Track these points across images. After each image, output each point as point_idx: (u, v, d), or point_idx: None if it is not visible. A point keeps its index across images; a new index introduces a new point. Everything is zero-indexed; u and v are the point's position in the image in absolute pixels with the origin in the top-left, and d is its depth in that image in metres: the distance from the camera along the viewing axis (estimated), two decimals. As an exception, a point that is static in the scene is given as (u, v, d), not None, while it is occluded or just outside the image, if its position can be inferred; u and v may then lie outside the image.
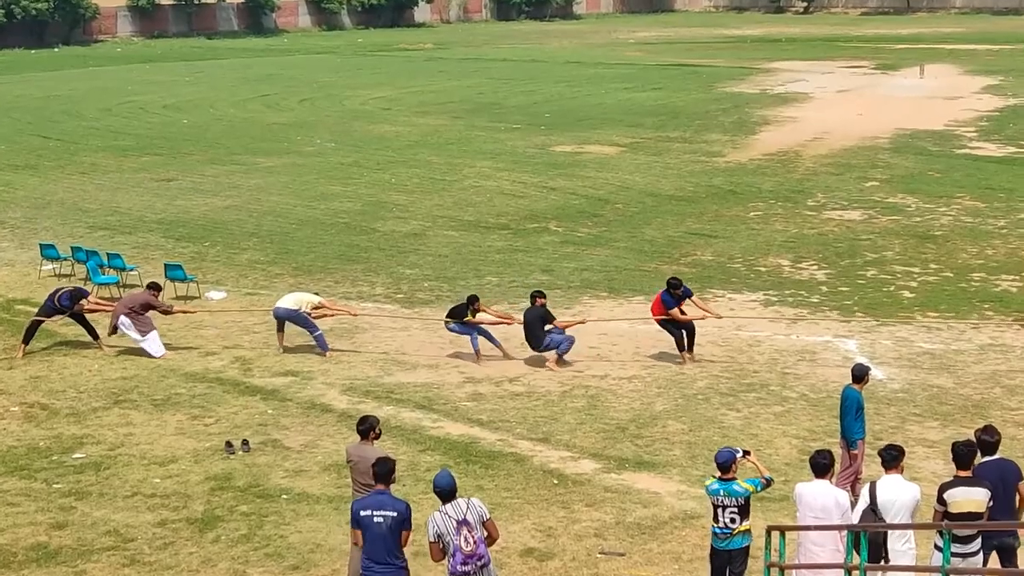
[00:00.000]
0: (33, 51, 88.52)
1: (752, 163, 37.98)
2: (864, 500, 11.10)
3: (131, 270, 24.40)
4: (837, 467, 12.71)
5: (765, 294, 23.12)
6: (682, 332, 19.27)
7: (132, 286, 23.37)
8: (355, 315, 21.23)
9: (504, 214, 30.95)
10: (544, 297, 19.75)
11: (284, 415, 17.12)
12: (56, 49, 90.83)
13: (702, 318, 19.67)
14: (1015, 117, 46.35)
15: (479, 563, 10.10)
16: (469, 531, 10.08)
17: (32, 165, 39.84)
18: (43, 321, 20.16)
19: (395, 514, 10.11)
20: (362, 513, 10.21)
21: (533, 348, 19.27)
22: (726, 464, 11.42)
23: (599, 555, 12.89)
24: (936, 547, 10.51)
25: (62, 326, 20.77)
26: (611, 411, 17.22)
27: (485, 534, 10.15)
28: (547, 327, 19.22)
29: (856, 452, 14.09)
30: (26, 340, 19.96)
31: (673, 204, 31.83)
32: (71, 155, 41.78)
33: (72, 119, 51.47)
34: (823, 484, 11.30)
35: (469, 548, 10.04)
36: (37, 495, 14.45)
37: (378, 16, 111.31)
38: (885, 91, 56.93)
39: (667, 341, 20.09)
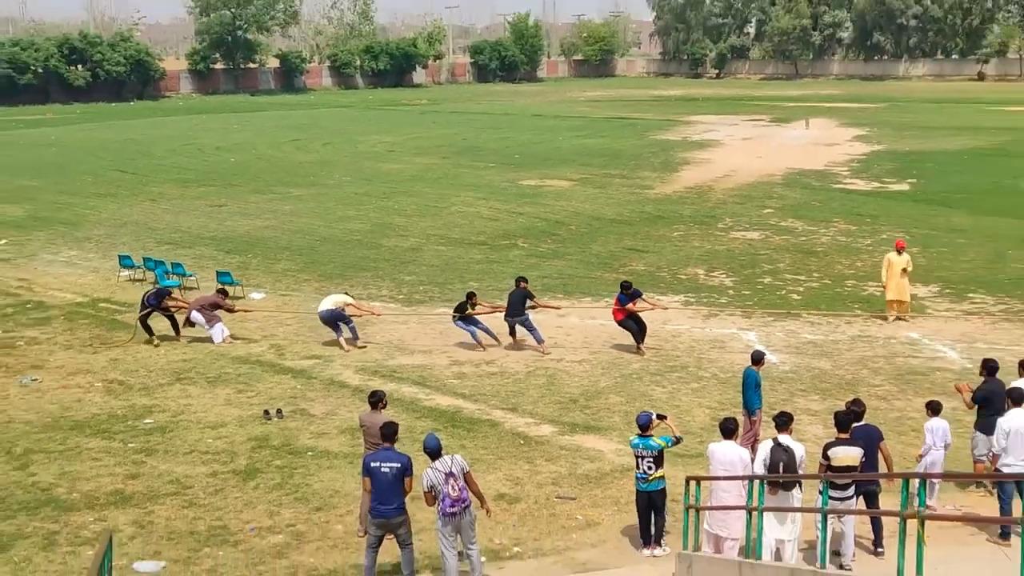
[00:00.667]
0: (113, 104, 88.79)
1: (675, 194, 38.09)
2: (764, 454, 11.17)
3: (190, 276, 24.39)
4: (740, 431, 12.81)
5: (685, 296, 23.21)
6: (636, 328, 19.35)
7: (191, 288, 23.37)
8: (379, 315, 21.24)
9: (483, 233, 30.96)
10: (526, 282, 19.88)
11: (310, 390, 17.16)
12: (131, 103, 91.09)
13: (652, 309, 19.73)
14: (878, 160, 46.63)
15: (463, 505, 10.34)
16: (455, 481, 10.26)
17: (112, 193, 39.73)
18: (147, 316, 19.94)
19: (399, 465, 10.34)
20: (372, 464, 10.39)
21: (510, 316, 19.23)
22: (645, 424, 11.66)
23: (556, 499, 13.02)
24: (820, 492, 10.60)
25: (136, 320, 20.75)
26: (565, 387, 17.30)
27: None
28: (528, 304, 19.33)
29: (755, 419, 14.20)
30: (148, 332, 19.91)
31: (614, 226, 31.89)
32: (143, 186, 41.70)
33: (144, 158, 51.35)
34: (730, 444, 11.41)
35: (456, 494, 10.26)
36: (115, 452, 14.52)
37: (385, 78, 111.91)
38: (779, 139, 57.17)
39: (609, 333, 20.16)
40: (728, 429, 11.50)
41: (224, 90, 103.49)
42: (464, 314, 19.40)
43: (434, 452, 10.37)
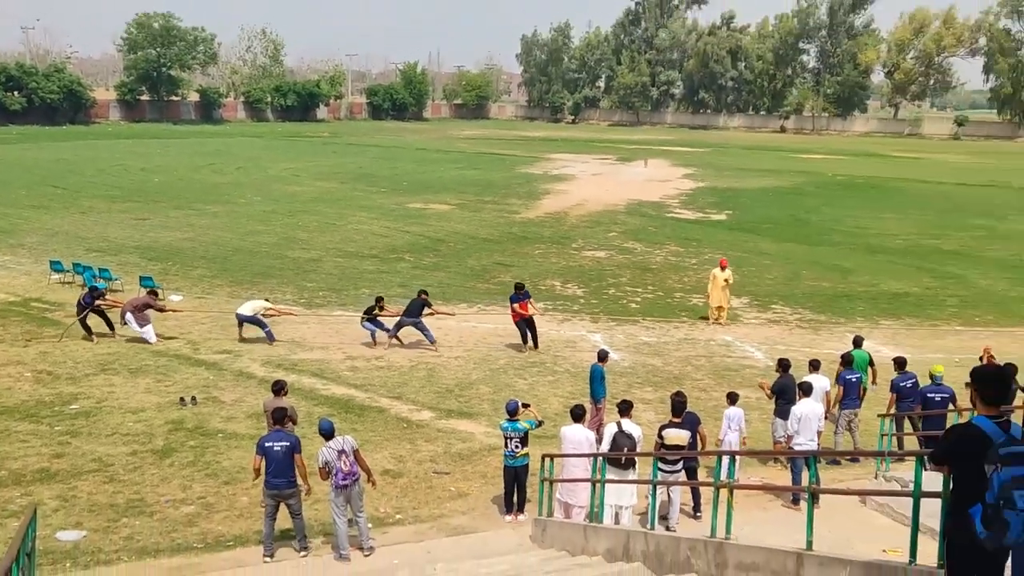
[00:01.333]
0: (47, 128, 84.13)
1: (537, 219, 38.40)
2: (610, 433, 11.34)
3: (115, 280, 23.37)
4: (588, 416, 12.98)
5: (544, 304, 23.37)
6: (527, 330, 19.40)
7: (116, 291, 22.36)
8: (296, 315, 20.73)
9: (375, 248, 30.57)
10: (426, 294, 19.85)
11: (221, 380, 16.59)
12: (64, 127, 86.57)
13: (535, 313, 19.71)
14: (702, 195, 47.85)
15: (353, 479, 10.25)
16: (346, 458, 10.16)
17: (45, 206, 37.76)
18: (84, 317, 18.94)
19: (288, 444, 10.33)
20: (265, 444, 10.37)
21: (406, 317, 19.07)
22: (512, 410, 11.74)
23: (433, 473, 12.92)
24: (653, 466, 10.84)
25: (66, 318, 19.73)
26: (443, 379, 17.21)
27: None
28: (426, 311, 19.23)
29: (600, 407, 14.41)
30: (87, 331, 18.96)
31: (486, 244, 31.96)
32: (74, 200, 39.74)
33: (75, 175, 49.00)
34: (578, 427, 11.55)
35: (347, 469, 10.17)
36: (42, 435, 13.73)
37: (292, 113, 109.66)
38: (622, 176, 58.09)
39: (480, 334, 20.20)
40: (577, 414, 11.66)
41: (149, 119, 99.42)
42: (371, 316, 19.20)
43: (328, 433, 10.24)
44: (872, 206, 44.13)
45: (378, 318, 19.33)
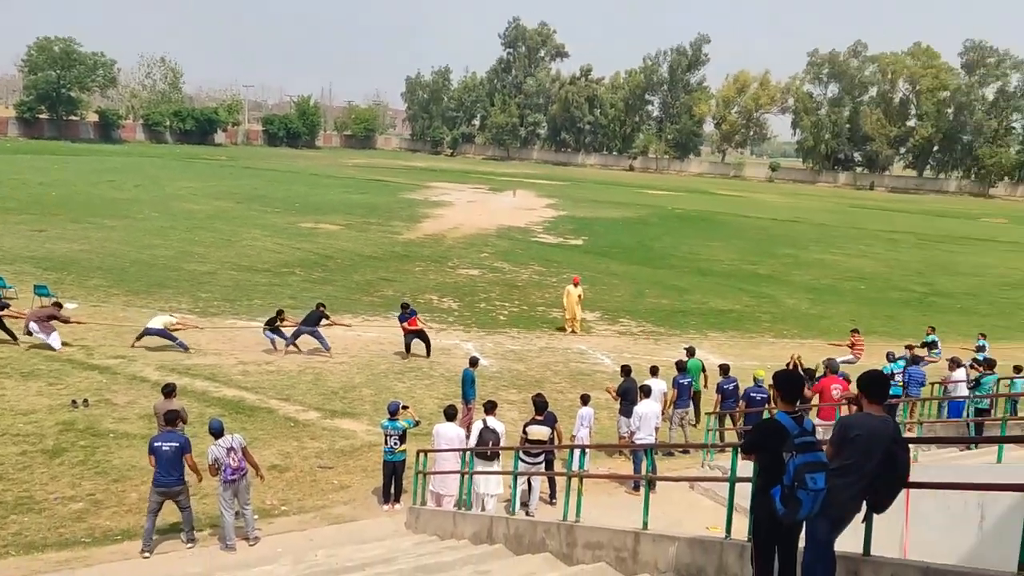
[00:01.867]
0: (-57, 140, 77.46)
1: (418, 239, 38.16)
2: (477, 429, 11.38)
3: (9, 288, 21.69)
4: (460, 415, 12.98)
5: (422, 316, 23.22)
6: (421, 341, 19.15)
7: (11, 299, 20.71)
8: (202, 328, 19.77)
9: (267, 262, 29.62)
10: (324, 307, 19.35)
11: (114, 384, 15.63)
12: (-38, 141, 79.89)
13: (423, 328, 19.48)
14: (562, 222, 48.61)
15: (241, 474, 9.91)
16: (234, 454, 9.82)
17: (-61, 216, 34.69)
18: None
19: (178, 444, 9.87)
20: (155, 444, 9.90)
21: (303, 326, 18.58)
22: (393, 410, 11.64)
23: (317, 468, 12.61)
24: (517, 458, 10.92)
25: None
26: (328, 382, 16.83)
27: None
28: (323, 322, 18.79)
29: (471, 407, 14.44)
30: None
31: (371, 261, 31.51)
32: (-31, 211, 36.67)
33: (-29, 187, 45.24)
34: (451, 425, 11.54)
35: (235, 464, 9.84)
36: (-70, 437, 12.55)
37: (190, 137, 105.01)
38: (494, 204, 58.34)
39: (364, 342, 19.88)
40: (450, 414, 11.65)
41: (48, 136, 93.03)
42: (273, 326, 18.61)
43: (217, 432, 9.86)
44: (703, 236, 46.00)
45: (279, 328, 18.77)
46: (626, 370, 14.36)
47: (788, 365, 15.96)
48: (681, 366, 15.21)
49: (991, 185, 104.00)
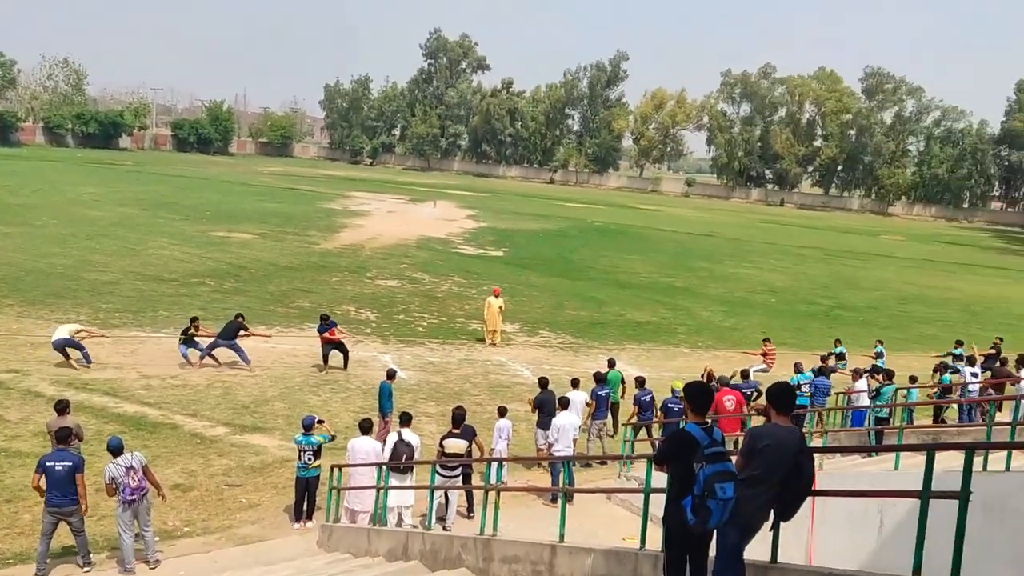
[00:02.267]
0: None
1: (335, 249, 37.57)
2: (392, 442, 11.24)
3: None
4: (376, 429, 12.79)
5: (341, 327, 22.92)
6: (339, 352, 18.75)
7: None
8: (107, 337, 18.85)
9: (175, 272, 28.63)
10: (243, 317, 18.87)
11: (7, 399, 14.83)
12: None
13: (343, 338, 19.16)
14: (483, 233, 48.63)
15: (141, 494, 9.48)
16: (134, 473, 9.38)
17: None
18: None
19: (71, 463, 9.38)
20: (46, 463, 9.41)
21: (222, 339, 18.04)
22: (308, 425, 11.37)
23: (224, 486, 12.20)
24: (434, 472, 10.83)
25: None
26: (239, 396, 16.35)
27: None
28: (241, 333, 18.25)
29: (387, 420, 14.25)
30: None
31: (286, 271, 30.84)
32: None
33: None
34: (365, 439, 11.36)
35: (135, 484, 9.40)
36: None
37: (94, 141, 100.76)
38: (414, 214, 57.91)
39: (278, 354, 19.40)
40: (365, 427, 11.47)
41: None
42: (187, 336, 17.92)
43: (116, 450, 9.42)
44: (622, 248, 46.72)
45: (194, 338, 18.08)
46: (543, 382, 14.43)
47: (702, 376, 16.33)
48: (599, 377, 15.37)
49: (890, 204, 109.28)
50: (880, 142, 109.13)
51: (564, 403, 13.33)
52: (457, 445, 11.25)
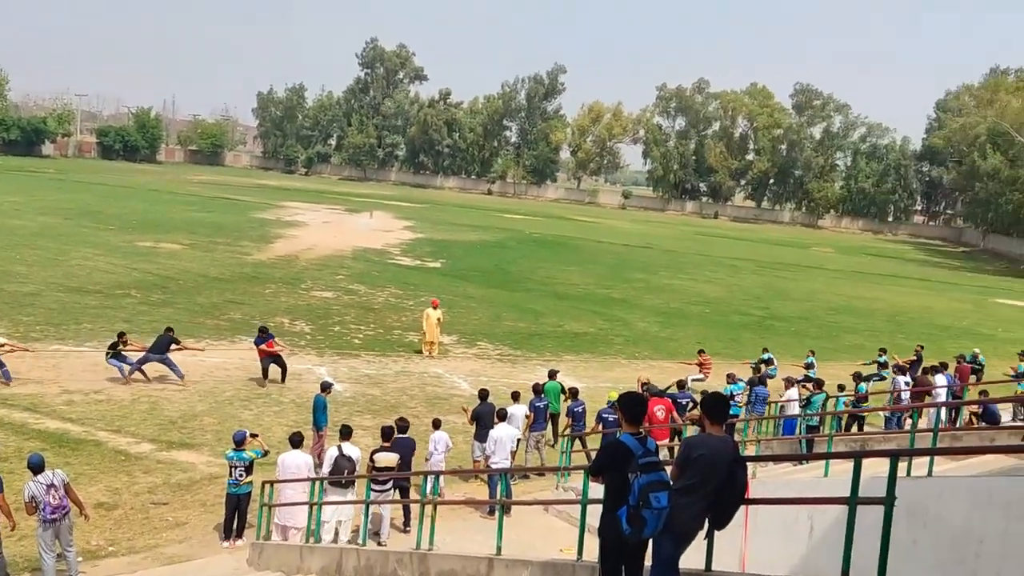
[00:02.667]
0: None
1: (269, 260, 36.91)
2: (332, 456, 11.08)
3: None
4: (311, 443, 12.59)
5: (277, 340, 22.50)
6: (275, 365, 18.33)
7: None
8: (31, 351, 18.07)
9: (99, 283, 27.69)
10: (173, 331, 18.35)
11: (-85, 418, 14.10)
12: None
13: (280, 351, 18.82)
14: (420, 245, 48.42)
15: (63, 512, 9.15)
16: (55, 491, 9.03)
17: None
18: None
19: None
20: None
21: (152, 353, 17.52)
22: (240, 440, 11.14)
23: (150, 504, 11.82)
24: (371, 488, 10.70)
25: None
26: (166, 411, 15.88)
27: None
28: (173, 347, 17.74)
29: (322, 434, 14.02)
30: None
31: (217, 283, 30.13)
32: None
33: None
34: (296, 452, 11.18)
35: (56, 503, 9.06)
36: None
37: (15, 147, 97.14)
38: (350, 225, 57.27)
39: (209, 367, 18.92)
40: (295, 441, 11.29)
41: None
42: (116, 351, 17.31)
43: (36, 468, 9.05)
44: (559, 260, 47.08)
45: (122, 352, 17.49)
46: (483, 394, 14.40)
47: (640, 387, 16.53)
48: (537, 389, 15.42)
49: (819, 217, 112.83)
50: (810, 157, 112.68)
51: (502, 415, 13.33)
52: (388, 459, 11.14)
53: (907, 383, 17.62)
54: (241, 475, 10.99)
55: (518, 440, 13.90)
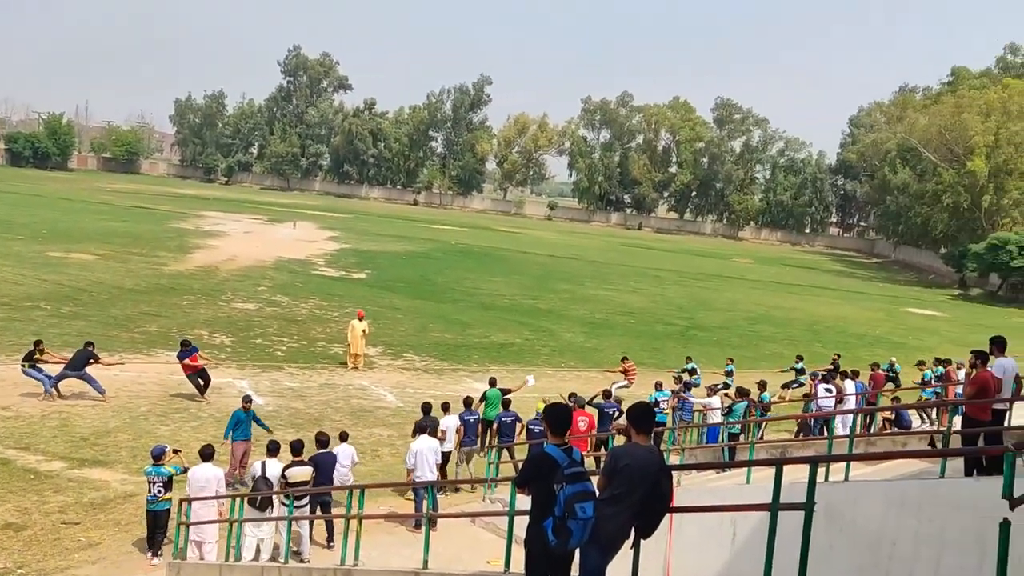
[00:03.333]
0: None
1: (187, 271, 35.86)
2: (256, 471, 10.83)
3: None
4: (227, 456, 12.25)
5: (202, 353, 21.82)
6: (199, 380, 17.74)
7: None
8: None
9: (7, 295, 26.41)
10: (93, 345, 17.65)
11: None
12: None
13: (207, 364, 18.30)
14: (345, 255, 47.82)
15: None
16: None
17: None
18: None
19: None
20: None
21: (70, 370, 16.82)
22: (158, 455, 10.87)
23: (61, 524, 11.32)
24: (283, 504, 10.46)
25: None
26: (77, 428, 15.24)
27: None
28: (91, 362, 17.09)
29: (244, 446, 13.69)
30: None
31: (132, 294, 29.09)
32: None
33: None
34: (207, 466, 10.96)
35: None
36: None
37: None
38: (272, 235, 56.11)
39: (122, 382, 18.23)
40: (205, 454, 11.05)
41: None
42: (32, 361, 16.51)
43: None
44: (485, 270, 47.17)
45: (38, 364, 16.67)
46: (426, 408, 14.22)
47: (568, 398, 16.64)
48: (467, 402, 15.38)
49: (740, 228, 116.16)
50: (730, 170, 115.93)
51: (422, 428, 13.20)
52: (301, 473, 10.95)
53: (827, 390, 18.24)
54: (160, 491, 10.66)
55: (446, 453, 13.82)
